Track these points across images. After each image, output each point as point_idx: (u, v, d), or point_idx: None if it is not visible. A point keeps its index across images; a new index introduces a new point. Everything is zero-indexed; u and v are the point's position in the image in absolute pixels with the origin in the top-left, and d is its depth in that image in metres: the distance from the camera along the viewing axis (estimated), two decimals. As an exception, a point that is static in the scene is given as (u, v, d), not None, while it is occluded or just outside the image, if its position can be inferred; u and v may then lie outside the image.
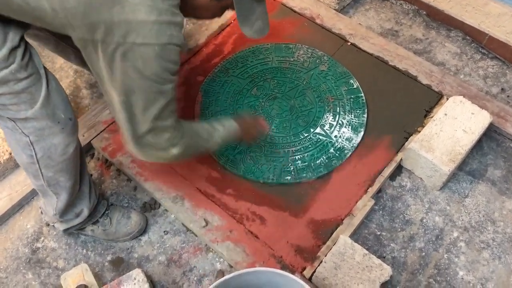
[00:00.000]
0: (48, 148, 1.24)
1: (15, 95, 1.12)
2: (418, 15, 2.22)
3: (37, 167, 1.28)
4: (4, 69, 1.07)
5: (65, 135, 1.25)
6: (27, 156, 1.26)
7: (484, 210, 1.66)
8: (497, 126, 1.77)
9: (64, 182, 1.36)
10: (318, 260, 1.50)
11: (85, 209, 1.50)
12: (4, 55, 1.06)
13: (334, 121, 1.80)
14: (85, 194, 1.48)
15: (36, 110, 1.16)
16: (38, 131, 1.20)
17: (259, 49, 2.03)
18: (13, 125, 1.19)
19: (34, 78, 1.14)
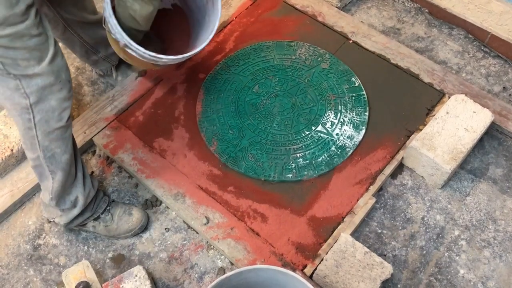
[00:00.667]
0: (46, 111, 1.30)
1: (28, 51, 1.20)
2: (420, 13, 2.22)
3: (34, 133, 1.33)
4: (21, 23, 1.16)
5: (63, 97, 1.31)
6: (24, 121, 1.31)
7: (485, 209, 1.66)
8: (498, 124, 1.77)
9: (60, 155, 1.39)
10: (319, 258, 1.50)
11: (80, 196, 1.51)
12: (22, 10, 1.15)
13: (336, 119, 1.80)
14: (79, 180, 1.50)
15: (44, 66, 1.24)
16: (40, 90, 1.26)
17: (261, 46, 2.02)
18: (16, 85, 1.24)
19: (44, 37, 1.24)
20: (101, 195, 1.61)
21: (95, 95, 2.00)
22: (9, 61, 1.20)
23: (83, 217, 1.57)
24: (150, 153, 1.75)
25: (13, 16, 1.14)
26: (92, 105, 1.92)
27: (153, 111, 1.87)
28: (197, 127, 1.81)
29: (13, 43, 1.17)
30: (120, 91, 1.92)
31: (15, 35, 1.16)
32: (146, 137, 1.80)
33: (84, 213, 1.56)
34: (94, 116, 1.85)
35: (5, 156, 1.71)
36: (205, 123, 1.82)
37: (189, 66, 2.00)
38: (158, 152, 1.76)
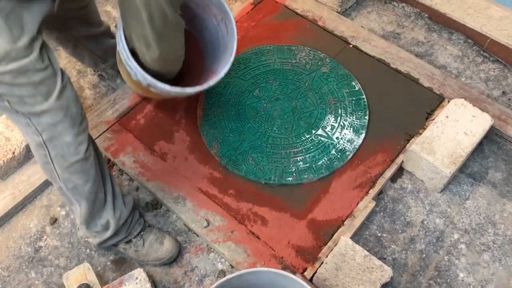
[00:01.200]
0: (61, 147, 1.26)
1: (33, 87, 1.15)
2: (420, 18, 2.23)
3: (52, 167, 1.30)
4: (25, 58, 1.11)
5: (76, 132, 1.26)
6: (41, 156, 1.28)
7: (485, 213, 1.67)
8: (498, 129, 1.77)
9: (82, 185, 1.35)
10: (319, 261, 1.51)
11: (111, 221, 1.47)
12: (25, 43, 1.10)
13: (336, 123, 1.81)
14: (109, 203, 1.46)
15: (51, 102, 1.18)
16: (52, 127, 1.22)
17: (261, 50, 2.04)
18: (27, 123, 1.21)
19: (51, 70, 1.18)
20: (136, 217, 1.56)
21: (96, 98, 2.01)
22: (15, 99, 1.16)
23: (117, 238, 1.53)
24: (151, 156, 1.76)
25: (15, 50, 1.09)
26: (93, 108, 1.93)
27: (154, 114, 1.88)
28: (198, 131, 1.82)
29: (17, 80, 1.12)
30: (121, 95, 1.93)
31: (19, 70, 1.11)
32: (147, 140, 1.81)
33: (118, 234, 1.52)
34: (96, 119, 1.86)
35: (7, 158, 1.72)
36: (206, 127, 1.83)
37: (190, 70, 2.01)
38: (159, 155, 1.77)
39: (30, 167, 1.78)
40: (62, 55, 2.13)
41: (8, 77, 1.11)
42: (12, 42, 1.08)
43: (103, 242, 1.53)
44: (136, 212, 1.58)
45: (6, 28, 1.08)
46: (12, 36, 1.08)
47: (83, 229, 1.49)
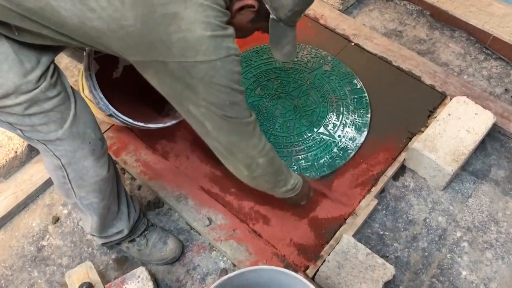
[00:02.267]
0: (80, 170, 1.22)
1: (45, 115, 1.10)
2: (422, 16, 2.22)
3: (70, 186, 1.26)
4: (35, 89, 1.05)
5: (96, 157, 1.22)
6: (59, 177, 1.25)
7: (488, 210, 1.66)
8: (500, 126, 1.77)
9: (98, 203, 1.33)
10: (321, 259, 1.51)
11: (125, 230, 1.48)
12: (37, 77, 1.05)
13: (338, 121, 1.81)
14: (124, 213, 1.46)
15: (66, 129, 1.13)
16: (70, 153, 1.18)
17: (263, 49, 2.03)
18: (44, 148, 1.17)
19: (63, 96, 1.12)
20: (141, 217, 1.56)
21: (99, 98, 2.01)
22: (27, 128, 1.11)
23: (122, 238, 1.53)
24: (153, 155, 1.76)
25: (26, 84, 1.04)
26: (95, 107, 1.93)
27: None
28: (199, 129, 1.82)
29: (27, 111, 1.07)
30: (123, 94, 1.93)
31: (29, 101, 1.05)
32: (149, 139, 1.81)
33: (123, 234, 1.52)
34: (97, 118, 1.85)
35: (9, 158, 1.73)
36: (208, 125, 1.83)
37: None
38: (161, 154, 1.77)
39: (32, 166, 1.78)
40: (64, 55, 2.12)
41: (19, 108, 1.06)
42: (23, 76, 1.03)
43: (108, 243, 1.54)
44: (141, 212, 1.58)
45: (17, 61, 1.03)
46: (24, 70, 1.04)
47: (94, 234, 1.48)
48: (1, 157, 1.72)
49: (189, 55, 0.98)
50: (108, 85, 1.51)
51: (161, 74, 1.03)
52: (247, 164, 1.22)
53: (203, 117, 1.10)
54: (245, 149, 1.18)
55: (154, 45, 0.98)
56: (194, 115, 1.10)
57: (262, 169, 1.24)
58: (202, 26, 0.97)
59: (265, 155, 1.21)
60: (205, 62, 0.99)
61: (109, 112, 1.49)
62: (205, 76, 1.01)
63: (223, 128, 1.13)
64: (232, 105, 1.09)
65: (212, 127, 1.12)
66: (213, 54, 0.99)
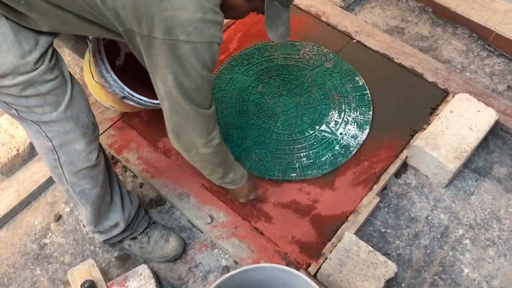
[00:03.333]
0: (71, 154, 1.24)
1: (41, 97, 1.12)
2: (424, 13, 2.22)
3: (61, 171, 1.28)
4: (33, 71, 1.07)
5: (88, 140, 1.24)
6: (50, 160, 1.26)
7: (490, 208, 1.66)
8: (503, 123, 1.76)
9: (89, 190, 1.34)
10: (323, 257, 1.51)
11: (120, 222, 1.48)
12: (35, 59, 1.07)
13: (340, 119, 1.80)
14: (117, 205, 1.46)
15: (61, 112, 1.16)
16: (62, 135, 1.20)
17: (265, 46, 2.03)
18: (37, 129, 1.19)
19: (60, 80, 1.14)
20: (142, 214, 1.57)
21: (100, 96, 2.01)
22: (23, 108, 1.13)
23: (123, 235, 1.53)
24: (154, 153, 1.76)
25: (23, 65, 1.06)
26: (96, 105, 1.93)
27: (158, 111, 1.87)
28: (201, 127, 1.82)
29: (24, 92, 1.09)
30: (125, 91, 1.93)
31: (26, 83, 1.08)
32: (151, 136, 1.81)
33: (124, 231, 1.52)
34: (99, 116, 1.86)
35: (11, 156, 1.73)
36: (209, 123, 1.82)
37: (193, 66, 2.00)
38: (162, 152, 1.77)
39: (35, 164, 1.78)
40: (65, 52, 2.13)
41: (16, 89, 1.08)
42: (21, 57, 1.05)
43: (110, 239, 1.54)
44: (141, 209, 1.58)
45: (16, 43, 1.05)
46: (22, 51, 1.05)
47: (90, 227, 1.49)
48: (3, 155, 1.72)
49: (174, 33, 1.02)
50: None
51: (143, 45, 1.07)
52: (187, 149, 1.27)
53: (164, 95, 1.14)
54: (190, 136, 1.23)
55: (143, 19, 1.02)
56: (158, 89, 1.15)
57: (201, 158, 1.29)
58: (193, 8, 1.01)
59: (209, 147, 1.26)
60: (187, 42, 1.03)
61: (123, 93, 1.49)
62: (182, 55, 1.05)
63: (178, 111, 1.17)
64: (196, 91, 1.13)
65: (168, 106, 1.17)
66: (197, 37, 1.03)
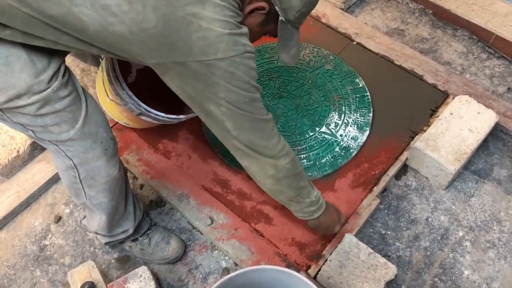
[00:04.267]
0: (91, 170, 1.22)
1: (57, 114, 1.10)
2: (424, 14, 2.22)
3: (80, 186, 1.27)
4: (47, 89, 1.06)
5: (108, 157, 1.23)
6: (70, 177, 1.25)
7: (490, 210, 1.66)
8: (503, 125, 1.76)
9: (107, 203, 1.33)
10: (323, 259, 1.51)
11: (130, 229, 1.49)
12: (49, 77, 1.06)
13: (340, 120, 1.80)
14: (130, 214, 1.46)
15: (78, 129, 1.14)
16: (82, 154, 1.18)
17: (265, 48, 2.03)
18: (55, 149, 1.17)
19: (74, 96, 1.13)
20: (144, 216, 1.57)
21: (101, 97, 2.01)
22: (39, 128, 1.11)
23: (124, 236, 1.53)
24: (155, 154, 1.76)
25: (38, 84, 1.04)
26: (97, 106, 1.93)
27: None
28: (201, 128, 1.82)
29: (39, 111, 1.07)
30: (125, 93, 1.93)
31: (42, 101, 1.06)
32: (151, 138, 1.81)
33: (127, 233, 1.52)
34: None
35: (12, 157, 1.73)
36: (210, 125, 1.83)
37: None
38: (163, 153, 1.77)
39: (35, 166, 1.78)
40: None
41: (31, 108, 1.06)
42: (34, 77, 1.04)
43: (112, 241, 1.54)
44: (144, 212, 1.58)
45: (29, 62, 1.03)
46: (36, 70, 1.04)
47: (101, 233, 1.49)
48: (3, 156, 1.72)
49: (209, 53, 1.01)
50: None
51: (181, 75, 1.05)
52: (272, 163, 1.23)
53: (224, 116, 1.12)
54: (266, 147, 1.20)
55: (175, 46, 1.00)
56: (214, 114, 1.12)
57: (286, 170, 1.24)
58: (221, 25, 1.00)
59: (286, 154, 1.23)
60: (225, 59, 1.02)
61: (140, 110, 1.49)
62: (225, 73, 1.04)
63: (244, 126, 1.15)
64: (251, 102, 1.12)
65: (232, 126, 1.14)
66: (232, 50, 1.02)
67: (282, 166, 1.23)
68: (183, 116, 1.56)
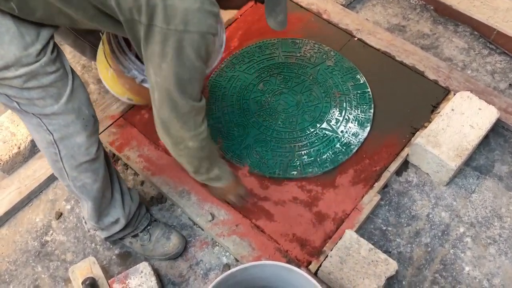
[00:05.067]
0: (71, 147, 1.25)
1: (43, 89, 1.14)
2: (426, 10, 2.21)
3: (61, 165, 1.29)
4: (36, 63, 1.09)
5: (88, 133, 1.25)
6: (51, 154, 1.27)
7: (491, 206, 1.66)
8: (504, 121, 1.76)
9: (90, 184, 1.34)
10: (323, 255, 1.51)
11: (121, 218, 1.48)
12: (37, 50, 1.09)
13: (341, 116, 1.80)
14: (118, 201, 1.46)
15: (62, 104, 1.17)
16: (63, 128, 1.21)
17: (266, 44, 2.03)
18: (38, 122, 1.20)
19: (61, 73, 1.16)
20: (143, 212, 1.57)
21: (101, 93, 2.01)
22: (24, 101, 1.15)
23: (124, 232, 1.54)
24: (155, 151, 1.76)
25: (26, 57, 1.08)
26: (98, 103, 1.93)
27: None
28: (202, 125, 1.82)
29: (26, 84, 1.11)
30: (126, 89, 1.93)
31: (29, 75, 1.10)
32: (152, 134, 1.81)
33: (125, 228, 1.53)
34: (100, 114, 1.86)
35: (13, 153, 1.73)
36: (210, 121, 1.83)
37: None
38: (163, 150, 1.77)
39: (36, 162, 1.79)
40: (67, 50, 2.13)
41: (18, 81, 1.09)
42: (23, 49, 1.07)
43: (111, 236, 1.54)
44: (143, 206, 1.59)
45: (18, 34, 1.07)
46: (25, 43, 1.07)
47: (91, 223, 1.49)
48: (4, 152, 1.72)
49: (172, 22, 1.05)
50: None
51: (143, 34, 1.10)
52: (175, 142, 1.31)
53: (156, 86, 1.18)
54: (179, 129, 1.25)
55: (143, 8, 1.05)
56: (151, 80, 1.18)
57: (188, 152, 1.33)
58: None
59: (197, 141, 1.29)
60: (184, 32, 1.06)
61: (143, 76, 1.50)
62: (178, 45, 1.07)
63: (169, 102, 1.19)
64: (189, 81, 1.16)
65: (159, 97, 1.20)
66: (195, 26, 1.06)
67: (186, 146, 1.30)
68: None
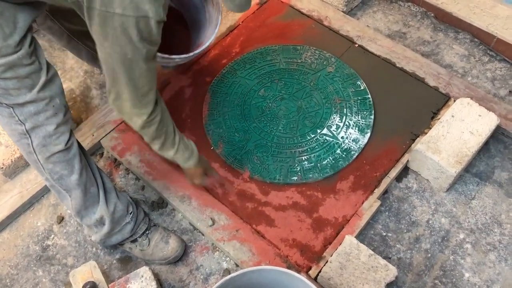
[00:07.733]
0: (43, 137, 1.29)
1: (19, 80, 1.19)
2: (426, 17, 2.22)
3: (35, 157, 1.33)
4: (14, 54, 1.15)
5: (58, 121, 1.30)
6: (24, 145, 1.31)
7: (491, 212, 1.66)
8: (504, 128, 1.77)
9: (67, 176, 1.37)
10: (323, 260, 1.51)
11: (105, 216, 1.48)
12: (16, 41, 1.15)
13: (341, 122, 1.81)
14: (101, 198, 1.46)
15: (35, 93, 1.23)
16: (34, 116, 1.25)
17: (267, 50, 2.04)
18: (9, 112, 1.24)
19: (37, 65, 1.23)
20: (141, 216, 1.58)
21: (103, 98, 2.03)
22: (0, 91, 1.20)
23: (123, 237, 1.55)
24: (157, 156, 1.77)
25: (5, 47, 1.14)
26: (100, 108, 1.94)
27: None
28: (203, 130, 1.83)
29: (3, 74, 1.16)
30: (127, 94, 1.94)
31: (6, 65, 1.16)
32: (153, 139, 1.82)
33: (123, 232, 1.53)
34: (102, 119, 1.87)
35: (15, 158, 1.74)
36: (211, 126, 1.84)
37: (196, 70, 2.02)
38: (165, 155, 1.78)
39: (38, 166, 1.79)
40: (69, 55, 2.15)
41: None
42: (3, 40, 1.13)
43: (105, 239, 1.54)
44: (141, 211, 1.59)
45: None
46: (3, 34, 1.13)
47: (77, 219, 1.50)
48: (6, 157, 1.73)
49: (110, 5, 1.07)
50: None
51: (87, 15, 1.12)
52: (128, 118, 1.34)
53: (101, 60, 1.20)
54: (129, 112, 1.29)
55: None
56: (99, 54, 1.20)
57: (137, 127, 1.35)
58: None
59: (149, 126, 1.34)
60: (121, 15, 1.08)
61: None
62: (116, 27, 1.09)
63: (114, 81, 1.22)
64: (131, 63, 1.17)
65: (106, 74, 1.23)
66: (132, 11, 1.07)
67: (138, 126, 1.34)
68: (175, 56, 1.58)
